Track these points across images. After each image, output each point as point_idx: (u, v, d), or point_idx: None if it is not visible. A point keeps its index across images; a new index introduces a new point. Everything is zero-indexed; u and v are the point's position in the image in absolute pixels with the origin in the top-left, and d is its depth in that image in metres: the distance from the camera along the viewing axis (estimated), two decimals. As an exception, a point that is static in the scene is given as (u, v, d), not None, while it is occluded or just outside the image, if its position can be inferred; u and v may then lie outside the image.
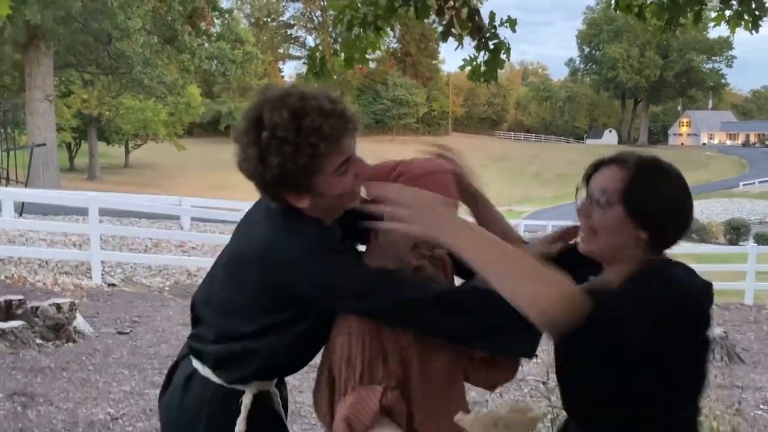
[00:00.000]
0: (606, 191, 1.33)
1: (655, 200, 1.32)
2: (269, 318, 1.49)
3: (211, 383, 1.59)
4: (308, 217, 1.46)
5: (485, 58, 3.82)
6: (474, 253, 1.21)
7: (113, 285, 8.78)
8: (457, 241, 1.21)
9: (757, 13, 3.74)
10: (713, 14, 4.32)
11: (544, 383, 2.72)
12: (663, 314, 1.20)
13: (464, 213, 1.53)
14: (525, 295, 1.17)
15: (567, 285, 1.18)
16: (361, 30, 3.55)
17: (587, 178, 1.40)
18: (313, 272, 1.40)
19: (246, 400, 1.56)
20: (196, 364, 1.63)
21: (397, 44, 74.36)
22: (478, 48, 3.81)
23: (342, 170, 1.40)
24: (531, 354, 1.42)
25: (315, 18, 77.94)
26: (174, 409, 1.66)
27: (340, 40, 3.88)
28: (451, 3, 3.57)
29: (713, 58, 79.56)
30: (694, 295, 1.28)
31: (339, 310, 1.45)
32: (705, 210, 42.05)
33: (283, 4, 77.65)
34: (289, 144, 1.33)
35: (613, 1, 4.37)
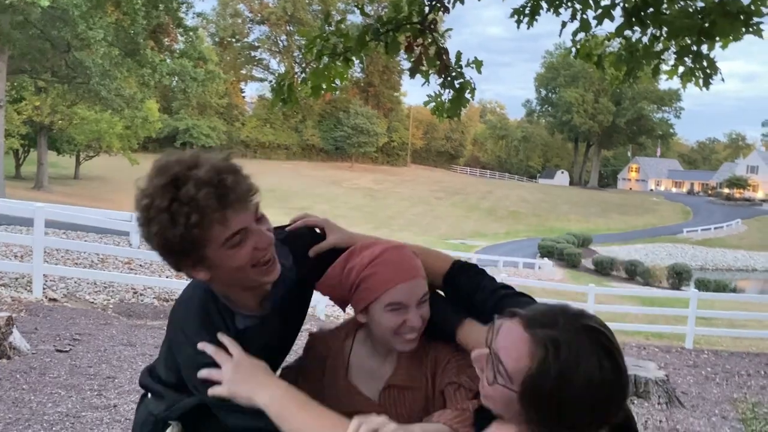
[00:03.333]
0: (505, 364, 1.10)
1: (562, 400, 1.05)
2: (170, 374, 1.53)
3: (149, 406, 1.61)
4: (210, 292, 1.44)
5: (450, 95, 3.90)
6: (270, 409, 1.32)
7: (54, 300, 8.45)
8: (257, 399, 1.32)
9: (708, 71, 3.93)
10: (666, 68, 4.52)
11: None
12: None
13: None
14: None
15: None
16: (330, 60, 3.58)
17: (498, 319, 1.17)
18: (179, 346, 1.45)
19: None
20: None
21: (360, 74, 75.14)
22: (443, 86, 3.88)
23: (233, 243, 1.30)
24: None
25: (280, 42, 78.22)
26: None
27: (308, 68, 3.89)
28: (420, 41, 3.64)
29: (663, 108, 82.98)
30: None
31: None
32: (650, 254, 43.44)
33: (249, 26, 77.78)
34: (165, 213, 1.25)
35: (573, 49, 4.54)
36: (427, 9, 3.63)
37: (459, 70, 3.81)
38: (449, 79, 3.79)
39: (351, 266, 1.43)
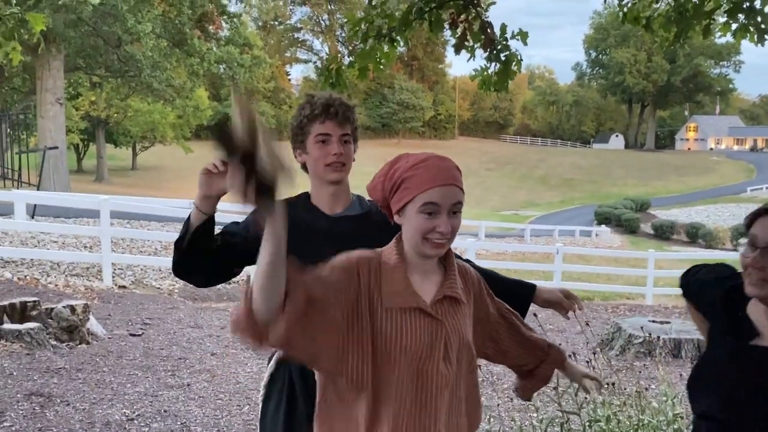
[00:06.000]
0: None
1: None
2: None
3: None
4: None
5: (496, 69, 3.89)
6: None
7: (124, 287, 8.88)
8: None
9: (763, 26, 3.80)
10: (720, 22, 4.36)
11: (554, 388, 2.79)
12: None
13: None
14: None
15: None
16: (376, 42, 3.63)
17: (748, 225, 1.51)
18: None
19: None
20: None
21: (403, 48, 74.36)
22: (489, 59, 3.88)
23: (320, 139, 1.93)
24: None
25: (322, 22, 78.22)
26: None
27: (351, 49, 3.95)
28: (464, 16, 3.64)
29: (721, 63, 79.42)
30: None
31: None
32: (712, 215, 41.97)
33: (290, 7, 77.98)
34: (298, 108, 1.99)
35: (621, 13, 4.44)
36: (468, -16, 3.63)
37: (504, 42, 3.80)
38: (495, 52, 3.79)
39: (396, 167, 1.51)
